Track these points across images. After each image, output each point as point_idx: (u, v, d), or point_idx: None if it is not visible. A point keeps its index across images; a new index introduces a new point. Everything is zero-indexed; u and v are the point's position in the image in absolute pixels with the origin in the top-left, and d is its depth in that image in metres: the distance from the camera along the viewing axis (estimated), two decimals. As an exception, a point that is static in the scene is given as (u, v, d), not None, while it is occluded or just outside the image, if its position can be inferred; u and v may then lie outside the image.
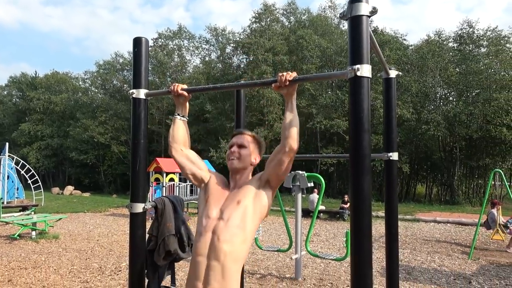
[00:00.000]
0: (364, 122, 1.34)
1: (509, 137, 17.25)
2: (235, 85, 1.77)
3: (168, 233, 1.96)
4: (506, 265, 6.66)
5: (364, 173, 1.33)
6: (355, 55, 1.37)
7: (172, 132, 1.86)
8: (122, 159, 29.27)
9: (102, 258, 6.80)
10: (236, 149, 1.81)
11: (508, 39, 19.41)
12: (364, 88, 1.35)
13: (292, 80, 1.54)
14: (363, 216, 1.33)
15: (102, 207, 15.53)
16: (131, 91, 1.81)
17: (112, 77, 31.05)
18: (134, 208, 1.77)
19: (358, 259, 1.33)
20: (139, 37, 1.84)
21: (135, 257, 1.77)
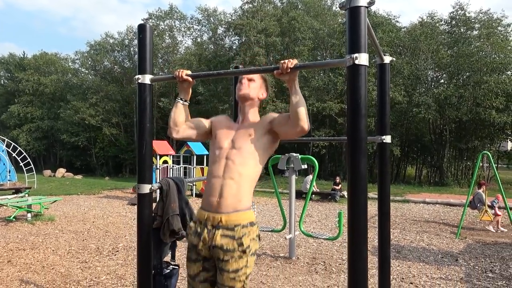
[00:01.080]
0: (361, 108, 1.43)
1: (497, 119, 17.54)
2: (238, 71, 1.85)
3: (172, 213, 2.06)
4: (491, 243, 6.92)
5: (361, 155, 1.43)
6: (353, 44, 1.44)
7: (174, 116, 1.98)
8: (113, 142, 29.14)
9: (99, 239, 6.91)
10: (246, 81, 1.97)
11: (500, 22, 19.51)
12: (362, 75, 1.43)
13: (293, 68, 1.62)
14: (360, 196, 1.43)
15: (96, 189, 15.59)
16: (137, 76, 1.87)
17: (102, 58, 30.57)
18: (141, 189, 1.86)
19: (355, 236, 1.44)
20: (143, 24, 1.89)
21: (143, 234, 1.87)
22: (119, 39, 30.79)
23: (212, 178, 1.87)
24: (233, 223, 1.81)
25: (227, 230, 1.80)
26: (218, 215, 1.82)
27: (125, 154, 28.53)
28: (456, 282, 4.74)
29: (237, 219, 1.82)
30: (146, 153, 1.87)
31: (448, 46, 20.15)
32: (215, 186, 1.85)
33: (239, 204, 1.83)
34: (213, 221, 1.83)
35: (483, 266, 5.48)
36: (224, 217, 1.81)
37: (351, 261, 1.45)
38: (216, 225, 1.82)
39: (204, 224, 1.86)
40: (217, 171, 1.87)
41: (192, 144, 13.54)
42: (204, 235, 1.84)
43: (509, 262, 5.71)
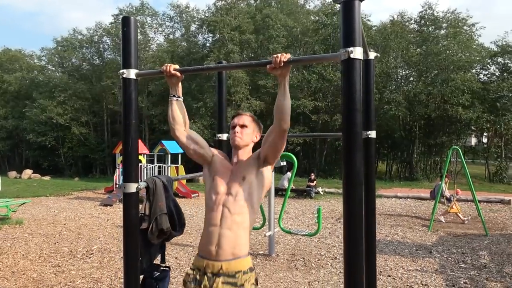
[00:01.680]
0: (356, 102, 1.42)
1: (464, 116, 18.22)
2: (228, 66, 1.80)
3: (160, 212, 2.00)
4: (461, 235, 7.18)
5: (356, 150, 1.42)
6: (348, 38, 1.44)
7: (172, 114, 1.93)
8: (83, 141, 28.27)
9: (71, 242, 6.68)
10: (239, 129, 1.96)
11: (465, 21, 20.25)
12: (357, 70, 1.42)
13: (286, 62, 1.59)
14: (356, 190, 1.43)
15: (65, 191, 15.07)
16: (121, 71, 1.79)
17: (70, 55, 29.56)
18: (127, 188, 1.79)
19: (351, 231, 1.43)
20: (128, 17, 1.81)
21: (129, 236, 1.80)
22: (88, 36, 29.87)
23: (210, 226, 1.86)
24: (234, 270, 1.80)
25: (228, 277, 1.79)
26: (218, 263, 1.81)
27: (95, 154, 27.75)
28: (431, 274, 4.89)
29: (238, 266, 1.81)
30: (132, 150, 1.79)
31: (417, 44, 20.74)
32: (213, 234, 1.83)
33: (239, 251, 1.83)
34: (213, 269, 1.81)
35: (455, 257, 5.67)
36: (225, 264, 1.80)
37: (348, 256, 1.44)
38: (216, 273, 1.80)
39: (203, 272, 1.83)
40: (214, 219, 1.85)
41: (166, 142, 13.32)
42: (205, 282, 1.81)
43: (479, 252, 5.93)
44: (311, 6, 27.57)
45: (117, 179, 12.46)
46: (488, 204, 10.92)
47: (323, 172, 20.94)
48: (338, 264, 5.26)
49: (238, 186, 1.85)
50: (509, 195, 12.21)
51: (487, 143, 22.80)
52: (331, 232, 7.38)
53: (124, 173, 1.80)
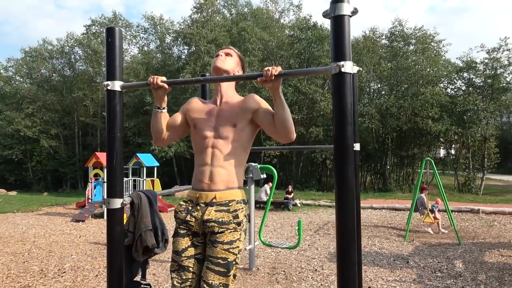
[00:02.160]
0: (347, 115, 1.43)
1: (433, 128, 18.87)
2: (217, 78, 1.79)
3: (145, 228, 1.93)
4: (436, 245, 7.34)
5: (348, 162, 1.42)
6: (338, 52, 1.45)
7: (156, 126, 1.92)
8: (52, 154, 27.39)
9: (42, 260, 6.38)
10: (223, 55, 1.94)
11: (433, 38, 21.12)
12: (347, 83, 1.44)
13: (277, 75, 1.59)
14: (348, 203, 1.43)
15: (34, 206, 14.45)
16: (106, 82, 1.74)
17: (39, 66, 28.75)
18: (111, 204, 1.72)
19: (344, 243, 1.42)
20: (112, 27, 1.77)
21: (114, 253, 1.72)
22: (59, 46, 29.20)
23: (200, 166, 1.85)
24: (227, 199, 1.81)
25: (221, 206, 1.80)
26: (211, 193, 1.81)
27: (65, 168, 26.90)
28: (410, 284, 4.95)
29: (231, 195, 1.83)
30: (117, 164, 1.73)
31: (388, 59, 21.42)
32: (205, 172, 1.83)
33: (232, 183, 1.84)
34: (206, 199, 1.81)
35: (432, 266, 5.77)
36: (219, 194, 1.81)
37: (341, 269, 1.43)
38: (209, 202, 1.80)
39: (195, 203, 1.84)
40: (204, 159, 1.84)
41: (141, 155, 13.07)
42: (197, 212, 1.81)
43: (454, 261, 6.07)
44: (286, 20, 28.11)
45: (89, 193, 12.08)
46: (459, 214, 11.25)
47: (300, 184, 21.06)
48: (319, 277, 5.25)
49: (228, 131, 1.83)
50: (478, 205, 12.64)
51: (455, 154, 23.64)
52: (310, 244, 7.38)
53: (108, 188, 1.73)
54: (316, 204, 14.23)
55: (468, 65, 20.60)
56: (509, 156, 39.69)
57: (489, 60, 19.80)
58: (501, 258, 6.18)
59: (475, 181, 20.44)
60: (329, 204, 14.03)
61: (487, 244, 7.27)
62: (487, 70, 20.08)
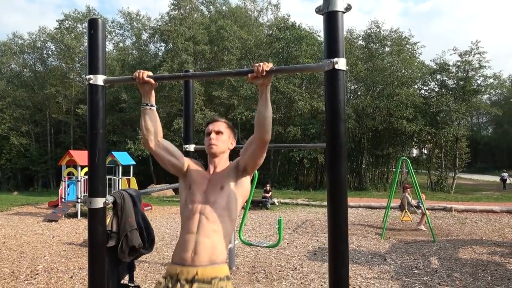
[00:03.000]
0: (340, 113, 1.41)
1: (408, 128, 19.32)
2: (208, 74, 1.73)
3: (131, 228, 1.85)
4: (411, 242, 7.50)
5: (341, 160, 1.41)
6: (331, 49, 1.43)
7: (145, 124, 1.81)
8: (23, 152, 26.44)
9: (12, 262, 6.13)
10: (215, 136, 1.88)
11: (408, 40, 21.61)
12: (341, 80, 1.42)
13: (268, 71, 1.56)
14: (341, 201, 1.41)
15: (4, 206, 13.89)
16: (88, 76, 1.66)
17: (9, 60, 27.69)
18: (93, 203, 1.65)
19: (337, 241, 1.41)
20: (95, 18, 1.69)
21: (95, 255, 1.65)
22: (30, 41, 28.21)
23: (186, 234, 1.76)
24: (210, 276, 1.69)
25: (203, 283, 1.67)
26: (193, 269, 1.69)
27: (37, 166, 26.04)
28: (388, 281, 5.03)
29: (214, 272, 1.71)
30: (100, 162, 1.66)
31: (365, 60, 21.77)
32: (189, 241, 1.73)
33: (216, 258, 1.73)
34: (187, 275, 1.69)
35: (408, 263, 5.89)
36: (201, 270, 1.69)
37: (333, 266, 1.41)
38: (191, 279, 1.68)
39: (176, 280, 1.71)
40: (190, 227, 1.75)
41: (117, 154, 12.78)
42: None
43: (430, 258, 6.22)
44: (264, 19, 28.13)
45: (62, 192, 11.72)
46: (432, 212, 11.54)
47: (277, 183, 21.14)
48: (299, 275, 5.26)
49: (216, 195, 1.78)
50: (450, 203, 13.02)
51: (428, 154, 24.29)
52: (289, 243, 7.40)
53: (90, 187, 1.66)
54: (294, 202, 14.30)
55: (441, 67, 21.20)
56: (478, 156, 41.15)
57: (461, 62, 20.44)
58: (474, 255, 6.37)
59: (447, 180, 21.06)
60: (306, 202, 14.14)
61: (461, 241, 7.48)
62: (459, 72, 20.72)
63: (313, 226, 9.39)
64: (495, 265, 5.72)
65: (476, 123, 48.87)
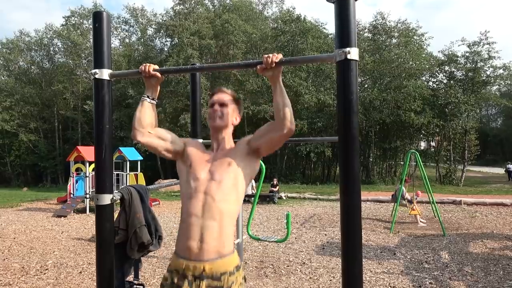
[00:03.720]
0: (353, 105, 1.37)
1: (416, 121, 19.12)
2: (215, 66, 1.69)
3: (139, 224, 1.82)
4: (421, 236, 7.43)
5: (354, 154, 1.37)
6: (343, 38, 1.39)
7: (139, 115, 1.71)
8: (32, 149, 26.69)
9: (23, 257, 6.18)
10: (218, 108, 1.76)
11: (415, 31, 21.31)
12: (353, 71, 1.38)
13: (278, 62, 1.51)
14: (354, 196, 1.37)
15: (14, 202, 14.05)
16: (93, 71, 1.63)
17: (17, 58, 27.87)
18: (100, 200, 1.62)
19: (350, 237, 1.37)
20: (100, 11, 1.65)
21: (103, 252, 1.63)
22: (37, 38, 28.33)
23: (189, 217, 1.62)
24: (219, 271, 1.59)
25: (212, 280, 1.58)
26: (200, 264, 1.58)
27: (45, 162, 26.27)
28: (397, 275, 4.98)
29: (223, 266, 1.60)
30: (106, 158, 1.63)
31: (371, 52, 21.53)
32: (194, 228, 1.60)
33: (223, 248, 1.62)
34: (194, 271, 1.59)
35: (418, 258, 5.83)
36: (208, 265, 1.58)
37: (346, 263, 1.37)
38: (199, 275, 1.58)
39: (182, 275, 1.61)
40: (194, 208, 1.62)
41: (124, 149, 12.81)
42: (185, 286, 1.59)
43: (440, 252, 6.15)
44: (269, 13, 27.93)
45: (71, 188, 11.80)
46: (441, 205, 11.43)
47: (284, 177, 21.10)
48: (307, 270, 5.24)
49: (222, 173, 1.66)
50: (459, 196, 12.90)
51: (436, 147, 24.06)
52: (297, 237, 7.38)
53: (96, 183, 1.63)
54: (301, 197, 14.27)
55: (449, 59, 20.89)
56: (487, 149, 40.71)
57: (469, 53, 20.13)
58: (485, 249, 6.29)
59: (455, 173, 20.86)
60: (314, 196, 14.10)
61: (471, 235, 7.40)
62: (468, 63, 20.42)
63: (321, 220, 9.35)
64: (507, 259, 5.64)
65: (485, 115, 48.30)
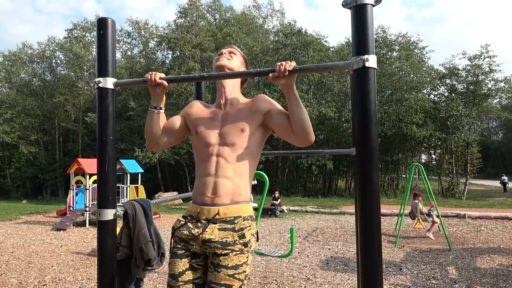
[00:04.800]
0: (372, 115, 1.29)
1: (418, 134, 19.06)
2: (225, 75, 1.62)
3: (145, 240, 1.73)
4: (427, 250, 7.29)
5: (373, 167, 1.29)
6: (360, 45, 1.31)
7: (150, 129, 1.71)
8: (32, 161, 26.59)
9: (20, 272, 6.04)
10: (227, 53, 1.77)
11: (416, 45, 21.42)
12: (371, 79, 1.30)
13: (291, 70, 1.44)
14: (373, 208, 1.29)
15: (12, 215, 13.90)
16: (97, 79, 1.56)
17: (19, 70, 27.99)
18: (103, 215, 1.53)
19: (369, 255, 1.28)
20: (104, 18, 1.59)
21: (105, 270, 1.53)
22: (39, 50, 28.51)
23: (203, 177, 1.62)
24: (233, 215, 1.58)
25: (225, 223, 1.57)
26: (214, 208, 1.58)
27: (45, 174, 26.14)
28: (405, 292, 4.84)
29: (237, 210, 1.59)
30: (110, 171, 1.55)
31: (373, 65, 21.58)
32: (208, 183, 1.60)
33: (238, 197, 1.61)
34: (208, 215, 1.58)
35: (425, 273, 5.69)
36: (222, 209, 1.57)
37: (365, 285, 1.28)
38: (211, 219, 1.57)
39: (196, 219, 1.61)
40: (208, 169, 1.61)
41: (125, 161, 12.75)
42: (197, 229, 1.58)
43: (447, 267, 6.01)
44: (269, 26, 28.14)
45: (71, 201, 11.68)
46: (445, 219, 11.27)
47: (285, 190, 20.95)
48: (312, 286, 5.10)
49: (235, 137, 1.62)
50: (463, 209, 12.75)
51: (439, 160, 23.95)
52: (300, 252, 7.24)
53: (99, 197, 1.55)
54: (303, 210, 14.11)
55: (450, 72, 20.95)
56: (489, 162, 40.58)
57: (471, 67, 20.18)
58: (493, 264, 6.15)
59: (458, 186, 20.71)
60: (316, 210, 13.94)
61: (477, 249, 7.25)
62: (469, 76, 20.46)
63: (324, 234, 9.21)
64: (517, 275, 5.51)
65: (486, 128, 48.31)
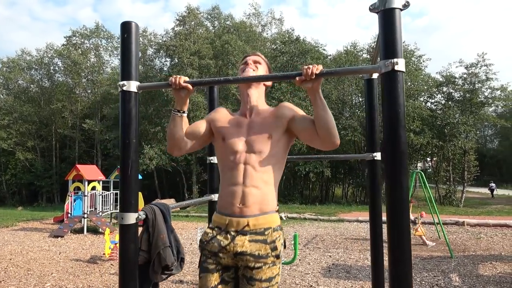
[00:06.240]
0: (401, 119, 1.30)
1: (415, 141, 19.14)
2: (252, 78, 1.62)
3: (163, 246, 1.72)
4: (428, 258, 7.28)
5: (403, 171, 1.29)
6: (389, 49, 1.32)
7: (173, 132, 1.70)
8: (28, 167, 26.39)
9: (20, 279, 5.97)
10: (252, 63, 1.76)
11: (413, 53, 21.60)
12: (400, 83, 1.31)
13: (318, 74, 1.44)
14: (403, 217, 1.29)
15: (9, 221, 13.75)
16: (121, 82, 1.56)
17: (17, 76, 27.91)
18: (125, 219, 1.52)
19: (399, 265, 1.28)
20: (129, 21, 1.59)
21: (127, 274, 1.51)
22: (38, 57, 28.47)
23: (230, 186, 1.62)
24: (263, 226, 1.58)
25: (256, 235, 1.56)
26: (243, 219, 1.57)
27: (41, 181, 25.93)
28: (410, 299, 4.82)
29: (266, 221, 1.59)
30: (132, 174, 1.54)
31: (370, 73, 21.73)
32: (236, 193, 1.60)
33: (267, 207, 1.61)
34: (238, 226, 1.58)
35: (428, 280, 5.68)
36: (252, 220, 1.57)
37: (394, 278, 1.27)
38: (241, 230, 1.57)
39: (225, 230, 1.60)
40: (235, 178, 1.61)
41: (124, 168, 12.68)
42: (227, 241, 1.57)
43: (450, 275, 6.00)
44: (268, 34, 28.32)
45: (69, 207, 11.59)
46: (444, 226, 11.26)
47: (283, 197, 20.91)
48: (316, 293, 5.07)
49: (263, 144, 1.62)
50: (461, 217, 12.78)
51: (436, 167, 24.04)
52: (301, 259, 7.20)
53: (122, 201, 1.53)
54: (301, 217, 14.08)
55: (447, 80, 21.11)
56: (485, 169, 40.77)
57: (467, 75, 20.36)
58: (495, 271, 6.15)
59: (455, 193, 20.77)
60: (314, 217, 13.90)
61: (479, 256, 7.25)
62: (466, 84, 20.63)
63: (323, 241, 9.18)
64: (520, 282, 5.51)
65: (482, 136, 48.63)
